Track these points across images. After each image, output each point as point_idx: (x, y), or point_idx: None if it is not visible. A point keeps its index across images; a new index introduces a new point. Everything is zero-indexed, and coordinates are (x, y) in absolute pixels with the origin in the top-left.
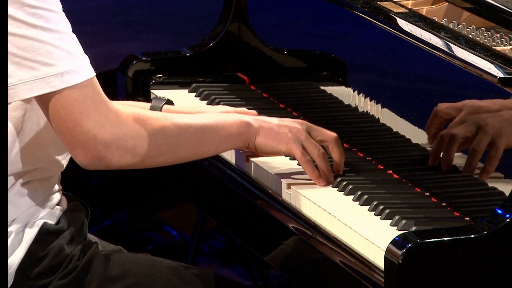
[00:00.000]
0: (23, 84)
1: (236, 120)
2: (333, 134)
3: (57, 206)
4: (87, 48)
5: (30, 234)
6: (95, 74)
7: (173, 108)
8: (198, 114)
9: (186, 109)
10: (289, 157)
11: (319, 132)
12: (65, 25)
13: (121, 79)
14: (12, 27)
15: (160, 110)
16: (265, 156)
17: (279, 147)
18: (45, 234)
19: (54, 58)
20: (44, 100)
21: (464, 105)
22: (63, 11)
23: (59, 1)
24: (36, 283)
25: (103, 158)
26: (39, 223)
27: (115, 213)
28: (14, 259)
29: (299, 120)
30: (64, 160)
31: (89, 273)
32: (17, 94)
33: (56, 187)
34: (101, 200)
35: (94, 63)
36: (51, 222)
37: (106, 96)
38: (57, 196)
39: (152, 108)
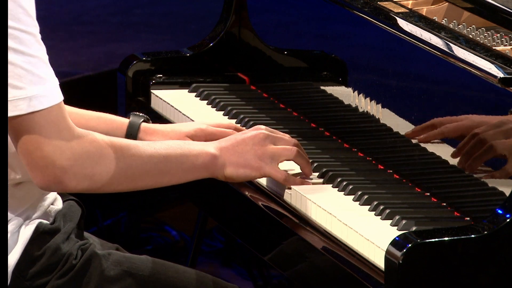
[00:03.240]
0: None
1: (201, 151)
2: (295, 141)
3: (52, 206)
4: (87, 48)
5: (25, 234)
6: (62, 98)
7: (150, 127)
8: (164, 142)
9: (163, 128)
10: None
11: (282, 139)
12: (39, 48)
13: (121, 79)
14: None
15: (139, 127)
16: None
17: (252, 175)
18: (41, 234)
19: (23, 81)
20: (9, 122)
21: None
22: (64, 11)
23: (37, 23)
24: (33, 283)
25: (60, 183)
26: (34, 223)
27: (115, 213)
28: (11, 259)
29: (261, 134)
30: None
31: (87, 273)
32: None
33: None
34: (101, 200)
35: (94, 63)
36: (46, 221)
37: (70, 121)
38: (51, 196)
39: (130, 124)
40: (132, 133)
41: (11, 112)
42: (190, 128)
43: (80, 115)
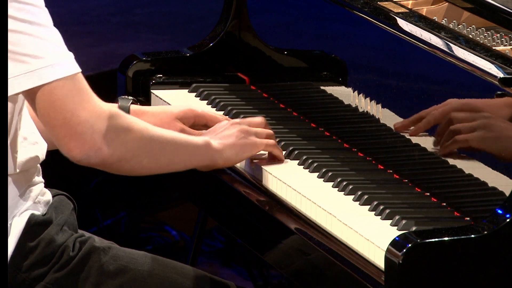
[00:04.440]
0: (14, 78)
1: (199, 138)
2: (261, 120)
3: (40, 197)
4: (87, 48)
5: (18, 226)
6: (80, 70)
7: (140, 108)
8: (165, 129)
9: (152, 109)
10: (288, 158)
11: (252, 122)
12: (49, 20)
13: (121, 79)
14: None
15: (128, 110)
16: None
17: (253, 153)
18: (33, 225)
19: (43, 50)
20: (35, 94)
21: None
22: (64, 11)
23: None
24: (30, 276)
25: (100, 149)
26: (26, 214)
27: (115, 213)
28: None
29: (236, 121)
30: (39, 153)
31: (86, 267)
32: (8, 89)
33: (36, 179)
34: (101, 200)
35: (94, 63)
36: (38, 213)
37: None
38: (38, 188)
39: (120, 108)
40: None
41: (36, 82)
42: (180, 109)
43: None
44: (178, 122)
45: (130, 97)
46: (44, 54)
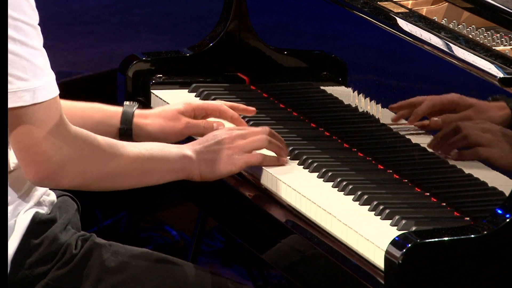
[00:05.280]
0: None
1: (179, 154)
2: (263, 127)
3: (45, 197)
4: (87, 48)
5: (22, 224)
6: (58, 92)
7: (143, 112)
8: (146, 143)
9: (154, 110)
10: (289, 157)
11: (251, 132)
12: (40, 41)
13: (121, 79)
14: None
15: (133, 116)
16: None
17: (232, 169)
18: (38, 223)
19: (28, 73)
20: (8, 114)
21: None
22: (64, 11)
23: (37, 15)
24: (32, 273)
25: (54, 179)
26: (31, 212)
27: (115, 213)
28: (9, 249)
29: (229, 134)
30: None
31: (87, 264)
32: None
33: None
34: (101, 200)
35: (94, 63)
36: (43, 211)
37: (65, 118)
38: (42, 188)
39: (125, 111)
40: (127, 118)
41: (15, 103)
42: (179, 106)
43: (76, 106)
44: (183, 116)
45: (135, 103)
46: (28, 77)
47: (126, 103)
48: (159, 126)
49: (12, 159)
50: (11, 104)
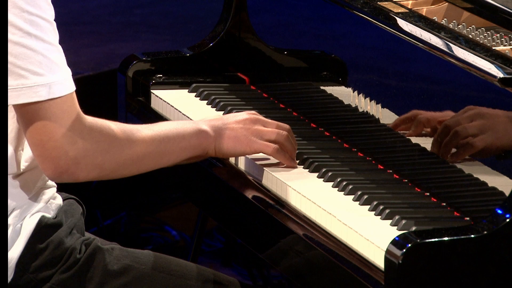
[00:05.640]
0: (10, 90)
1: (194, 129)
2: (285, 124)
3: (52, 200)
4: (87, 48)
5: (28, 227)
6: (75, 88)
7: None
8: (160, 123)
9: None
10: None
11: (273, 123)
12: (55, 36)
13: (121, 79)
14: (8, 33)
15: None
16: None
17: (242, 149)
18: (44, 227)
19: (44, 68)
20: (24, 109)
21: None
22: (64, 11)
23: (53, 10)
24: (37, 277)
25: (72, 173)
26: (37, 216)
27: (115, 213)
28: (14, 252)
29: (252, 117)
30: None
31: (91, 267)
32: None
33: (49, 182)
34: (101, 200)
35: (94, 63)
36: (49, 215)
37: (81, 111)
38: (50, 191)
39: None
40: None
41: (30, 98)
42: None
43: None
44: None
45: None
46: (44, 72)
47: None
48: None
49: (23, 161)
50: (27, 99)
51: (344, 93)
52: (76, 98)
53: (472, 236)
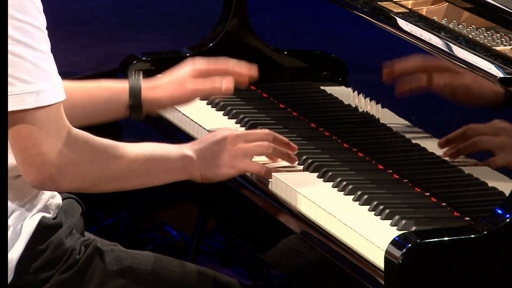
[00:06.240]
0: None
1: (179, 153)
2: (266, 131)
3: (51, 200)
4: (87, 48)
5: (28, 228)
6: (65, 97)
7: (151, 85)
8: (146, 144)
9: (162, 82)
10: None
11: (254, 135)
12: (46, 44)
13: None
14: None
15: (140, 88)
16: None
17: (228, 173)
18: (44, 228)
19: (32, 76)
20: (11, 115)
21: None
22: (64, 11)
23: (45, 19)
24: (37, 278)
25: (55, 181)
26: (37, 217)
27: (115, 213)
28: (14, 253)
29: (232, 134)
30: None
31: (90, 268)
32: None
33: None
34: (101, 200)
35: (94, 63)
36: (49, 215)
37: (67, 121)
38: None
39: (131, 87)
40: (135, 94)
41: (18, 106)
42: (187, 71)
43: (81, 87)
44: (189, 83)
45: (139, 75)
46: (32, 80)
47: (131, 78)
48: (169, 96)
49: None
50: (14, 107)
51: (344, 93)
52: (62, 107)
53: (472, 236)
